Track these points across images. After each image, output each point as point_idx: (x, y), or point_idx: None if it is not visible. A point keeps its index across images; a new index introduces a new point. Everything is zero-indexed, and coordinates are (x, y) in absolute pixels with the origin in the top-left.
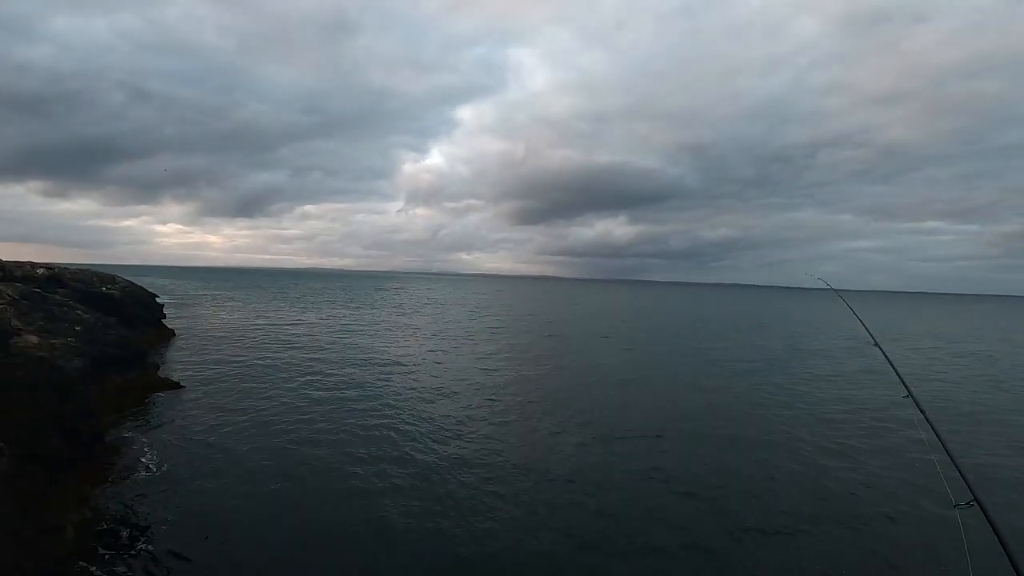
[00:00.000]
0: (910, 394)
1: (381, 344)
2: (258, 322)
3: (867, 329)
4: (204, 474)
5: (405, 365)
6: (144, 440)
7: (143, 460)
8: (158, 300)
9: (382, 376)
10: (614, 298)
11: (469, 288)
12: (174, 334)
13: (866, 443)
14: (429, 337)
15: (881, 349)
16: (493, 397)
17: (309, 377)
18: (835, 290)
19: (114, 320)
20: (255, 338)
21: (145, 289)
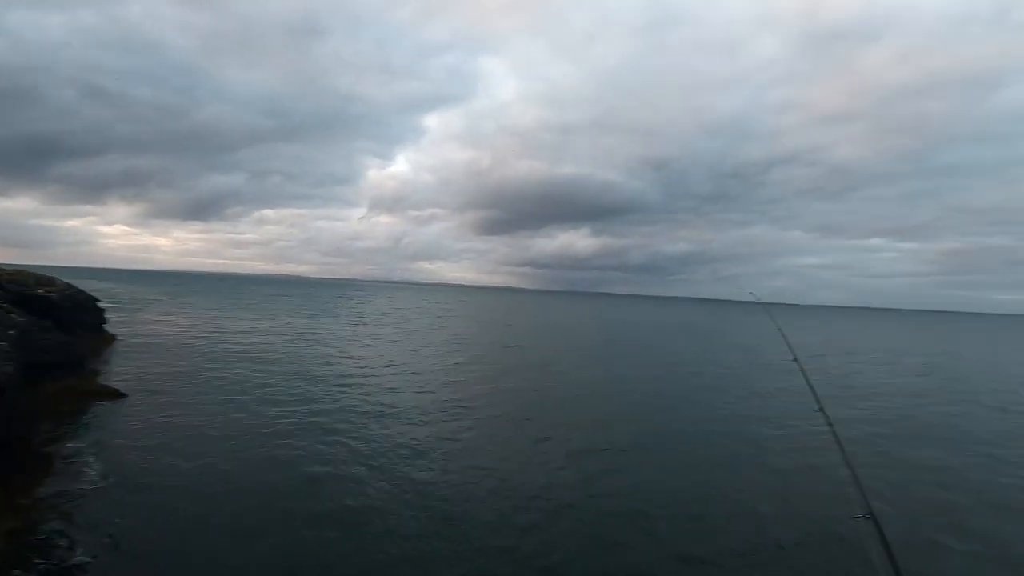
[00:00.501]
0: (821, 408)
1: (339, 354)
2: (207, 329)
3: (787, 343)
4: (144, 488)
5: (364, 378)
6: (81, 450)
7: (80, 470)
8: (100, 304)
9: (339, 390)
10: (575, 311)
11: (432, 298)
12: (116, 339)
13: (789, 460)
14: (389, 347)
15: (798, 362)
16: (454, 414)
17: (261, 390)
18: (764, 304)
19: (50, 324)
20: (203, 346)
21: (86, 292)
